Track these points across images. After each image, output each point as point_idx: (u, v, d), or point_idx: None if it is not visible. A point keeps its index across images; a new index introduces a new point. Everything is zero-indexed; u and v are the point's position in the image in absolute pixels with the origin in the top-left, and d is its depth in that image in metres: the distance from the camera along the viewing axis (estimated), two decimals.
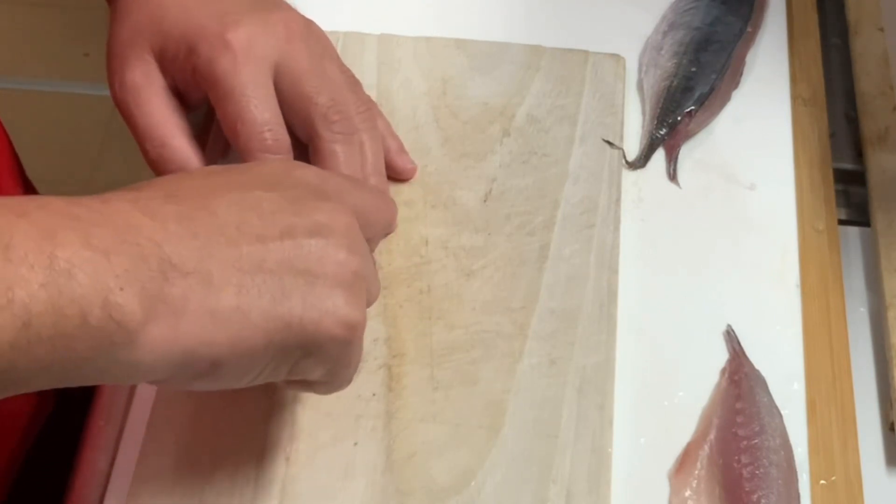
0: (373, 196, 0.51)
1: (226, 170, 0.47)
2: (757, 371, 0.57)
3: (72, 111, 1.83)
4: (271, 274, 0.42)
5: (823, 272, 0.61)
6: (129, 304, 0.38)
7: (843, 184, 0.67)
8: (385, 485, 0.52)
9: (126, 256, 0.39)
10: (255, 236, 0.43)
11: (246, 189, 0.44)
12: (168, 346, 0.40)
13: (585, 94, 0.66)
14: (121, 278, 0.38)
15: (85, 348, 0.38)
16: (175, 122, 0.55)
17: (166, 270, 0.40)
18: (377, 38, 0.68)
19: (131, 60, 0.55)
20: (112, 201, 0.41)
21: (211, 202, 0.43)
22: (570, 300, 0.57)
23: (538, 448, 0.53)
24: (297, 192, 0.45)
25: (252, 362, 0.43)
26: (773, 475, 0.53)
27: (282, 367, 0.44)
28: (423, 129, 0.64)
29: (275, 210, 0.44)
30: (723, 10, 0.70)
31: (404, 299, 0.57)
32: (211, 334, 0.41)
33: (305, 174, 0.47)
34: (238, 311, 0.41)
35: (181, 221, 0.41)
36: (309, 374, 0.45)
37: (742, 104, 0.68)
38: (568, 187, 0.62)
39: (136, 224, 0.40)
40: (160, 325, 0.39)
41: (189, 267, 0.40)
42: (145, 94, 0.55)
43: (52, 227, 0.38)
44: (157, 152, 0.54)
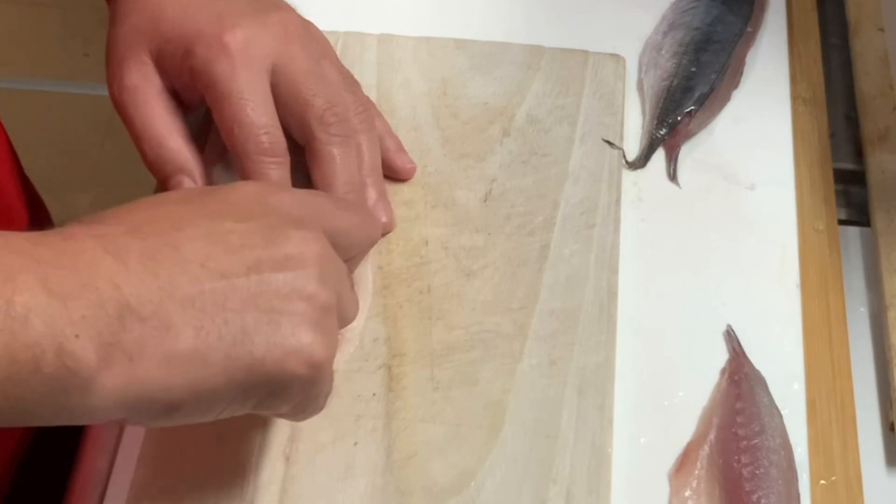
0: (354, 214, 0.51)
1: (198, 196, 0.46)
2: (757, 371, 0.57)
3: (72, 111, 1.83)
4: (234, 313, 0.42)
5: (823, 272, 0.61)
6: (83, 351, 0.38)
7: (843, 184, 0.67)
8: (385, 485, 0.52)
9: (84, 302, 0.38)
10: (220, 273, 0.42)
11: (216, 219, 0.44)
12: (123, 390, 0.40)
13: (585, 94, 0.66)
14: (77, 325, 0.38)
15: (37, 393, 0.38)
16: (172, 124, 0.55)
17: (124, 316, 0.39)
18: (377, 38, 0.68)
19: (129, 62, 0.55)
20: (76, 238, 0.41)
21: (177, 236, 0.42)
22: (570, 300, 0.57)
23: (538, 448, 0.53)
24: (270, 220, 0.45)
25: (212, 403, 0.42)
26: (773, 475, 0.53)
27: (246, 404, 0.43)
28: (423, 129, 0.64)
29: (243, 243, 0.43)
30: (723, 10, 0.70)
31: (404, 299, 0.57)
32: (168, 378, 0.40)
33: (281, 200, 0.47)
34: (197, 354, 0.41)
35: (144, 260, 0.41)
36: (275, 410, 0.44)
37: (742, 104, 0.68)
38: (568, 187, 0.62)
39: (97, 265, 0.40)
40: (115, 371, 0.39)
41: (147, 311, 0.40)
42: (143, 95, 0.55)
43: (12, 270, 0.38)
44: (155, 153, 0.54)
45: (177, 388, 0.41)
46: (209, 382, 0.41)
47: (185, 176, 0.54)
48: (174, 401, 0.41)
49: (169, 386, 0.41)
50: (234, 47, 0.53)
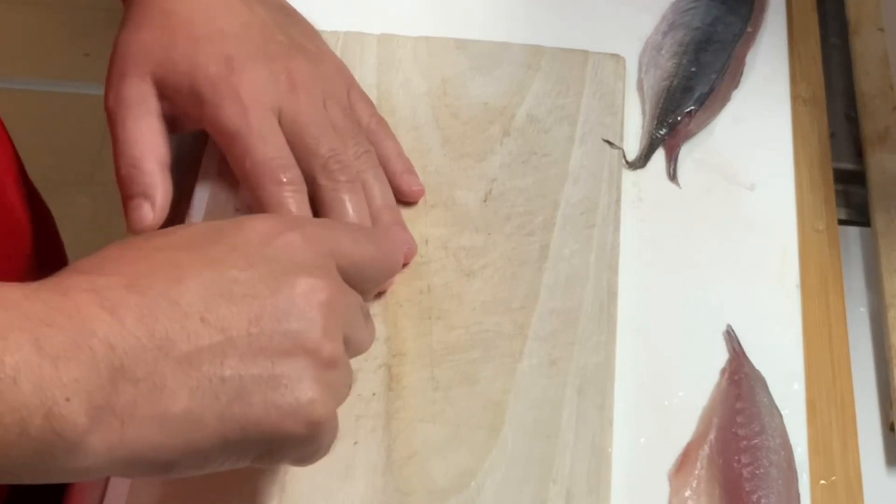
0: (373, 245, 0.50)
1: (203, 238, 0.44)
2: (757, 371, 0.57)
3: (72, 111, 1.83)
4: (232, 371, 0.40)
5: (823, 272, 0.61)
6: (73, 414, 0.37)
7: (843, 184, 0.67)
8: (385, 485, 0.52)
9: (76, 364, 0.37)
10: (220, 328, 0.41)
11: (219, 267, 0.42)
12: (113, 452, 0.39)
13: (585, 94, 0.66)
14: (68, 388, 0.37)
15: (23, 455, 0.37)
16: (154, 148, 0.55)
17: (116, 378, 0.38)
18: (377, 38, 0.68)
19: (131, 77, 0.55)
20: (71, 293, 0.39)
21: (176, 288, 0.41)
22: (570, 300, 0.57)
23: (538, 448, 0.53)
24: (275, 267, 0.43)
25: (206, 461, 0.41)
26: (773, 475, 0.53)
27: (241, 462, 0.42)
28: (423, 129, 0.64)
29: (245, 293, 0.42)
30: (723, 10, 0.70)
31: (404, 299, 0.57)
32: (160, 440, 0.40)
33: (289, 242, 0.45)
34: (191, 415, 0.40)
35: (141, 317, 0.39)
36: (273, 464, 0.44)
37: (742, 104, 0.68)
38: (568, 187, 0.62)
39: (92, 323, 0.38)
40: (105, 433, 0.38)
41: (141, 372, 0.39)
42: (136, 112, 0.55)
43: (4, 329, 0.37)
44: (128, 171, 0.54)
45: (169, 449, 0.40)
46: (203, 443, 0.40)
47: (146, 201, 0.54)
48: (166, 461, 0.40)
49: (161, 447, 0.40)
50: (242, 91, 0.54)
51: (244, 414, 0.41)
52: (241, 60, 0.55)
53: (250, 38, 0.57)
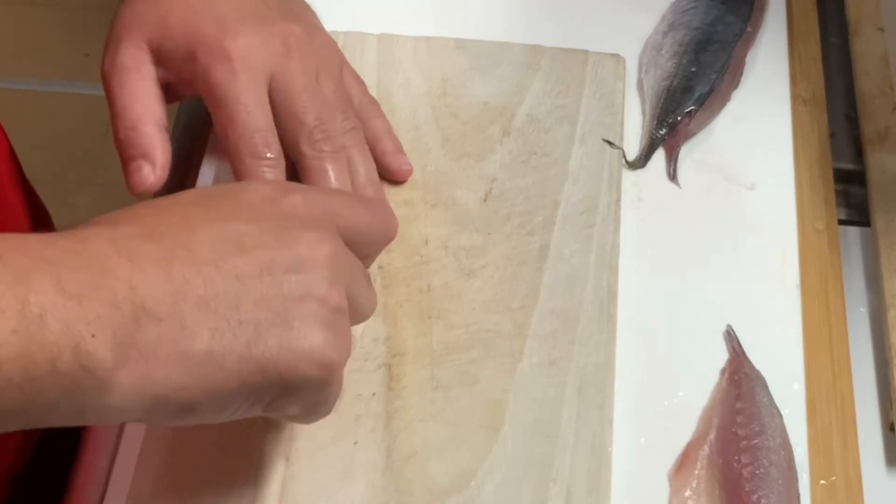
0: (368, 211, 0.51)
1: (210, 197, 0.46)
2: (757, 371, 0.57)
3: (72, 111, 1.83)
4: (248, 315, 0.42)
5: (823, 272, 0.61)
6: (99, 351, 0.38)
7: (843, 184, 0.67)
8: (385, 485, 0.52)
9: (99, 302, 0.38)
10: (234, 275, 0.42)
11: (227, 221, 0.44)
12: (139, 391, 0.40)
13: (585, 94, 0.66)
14: (92, 325, 0.38)
15: (54, 393, 0.38)
16: (151, 110, 0.55)
17: (139, 316, 0.39)
18: (377, 38, 0.68)
19: (127, 44, 0.56)
20: (89, 240, 0.40)
21: (190, 238, 0.42)
22: (570, 300, 0.57)
23: (538, 448, 0.53)
24: (281, 222, 0.45)
25: (226, 404, 0.42)
26: (773, 475, 0.53)
27: (257, 405, 0.43)
28: (423, 129, 0.64)
29: (255, 245, 0.43)
30: (723, 10, 0.70)
31: (404, 299, 0.57)
32: (183, 379, 0.40)
33: (293, 200, 0.46)
34: (211, 356, 0.41)
35: (158, 263, 0.41)
36: (286, 411, 0.44)
37: (742, 104, 0.68)
38: (568, 187, 0.62)
39: (111, 266, 0.40)
40: (131, 371, 0.39)
41: (162, 312, 0.40)
42: (132, 76, 0.55)
43: (25, 271, 0.38)
44: (126, 133, 0.55)
45: (192, 388, 0.41)
46: (224, 383, 0.41)
47: (146, 162, 0.54)
48: (189, 401, 0.41)
49: (184, 386, 0.41)
50: (234, 54, 0.54)
51: (262, 354, 0.42)
52: (235, 23, 0.55)
53: (246, 4, 0.57)
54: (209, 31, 0.55)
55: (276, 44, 0.56)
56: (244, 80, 0.54)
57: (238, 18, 0.56)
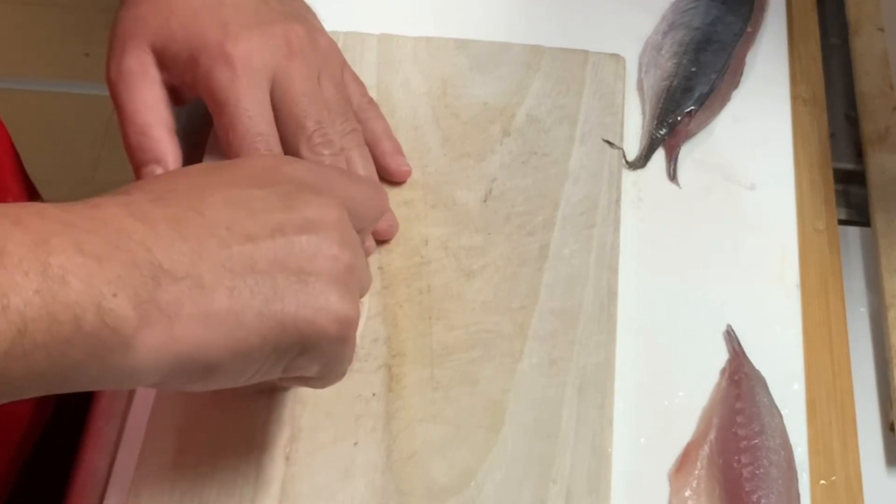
0: (364, 187, 0.52)
1: (216, 168, 0.47)
2: (757, 371, 0.57)
3: (72, 111, 1.83)
4: (263, 274, 0.42)
5: (823, 272, 0.61)
6: (122, 309, 0.38)
7: (843, 184, 0.67)
8: (385, 485, 0.52)
9: (118, 262, 0.39)
10: (246, 236, 0.43)
11: (236, 187, 0.44)
12: (163, 350, 0.40)
13: (585, 94, 0.66)
14: (113, 284, 0.38)
15: (79, 354, 0.38)
16: (160, 114, 0.56)
17: (158, 275, 0.40)
18: (377, 38, 0.68)
19: (131, 48, 0.56)
20: (103, 206, 0.41)
21: (200, 203, 0.43)
22: (570, 300, 0.57)
23: (538, 448, 0.53)
24: (288, 187, 0.45)
25: (248, 363, 0.43)
26: (773, 475, 0.53)
27: (278, 365, 0.44)
28: (423, 129, 0.64)
29: (265, 208, 0.44)
30: (723, 10, 0.70)
31: (404, 299, 0.57)
32: (205, 337, 0.41)
33: (295, 169, 0.47)
34: (231, 313, 0.41)
35: (171, 224, 0.41)
36: (305, 371, 0.45)
37: (742, 104, 0.68)
38: (568, 187, 0.62)
39: (127, 229, 0.40)
40: (154, 330, 0.40)
41: (180, 271, 0.41)
42: (139, 81, 0.56)
43: (45, 234, 0.38)
44: (137, 139, 0.55)
45: (214, 347, 0.41)
46: (245, 341, 0.42)
47: (159, 167, 0.55)
48: (212, 360, 0.42)
49: (207, 345, 0.41)
50: (235, 57, 0.55)
51: (282, 310, 0.42)
52: (236, 26, 0.56)
53: (248, 6, 0.57)
54: (211, 34, 0.55)
55: (278, 45, 0.56)
56: (246, 84, 0.54)
57: (239, 21, 0.56)
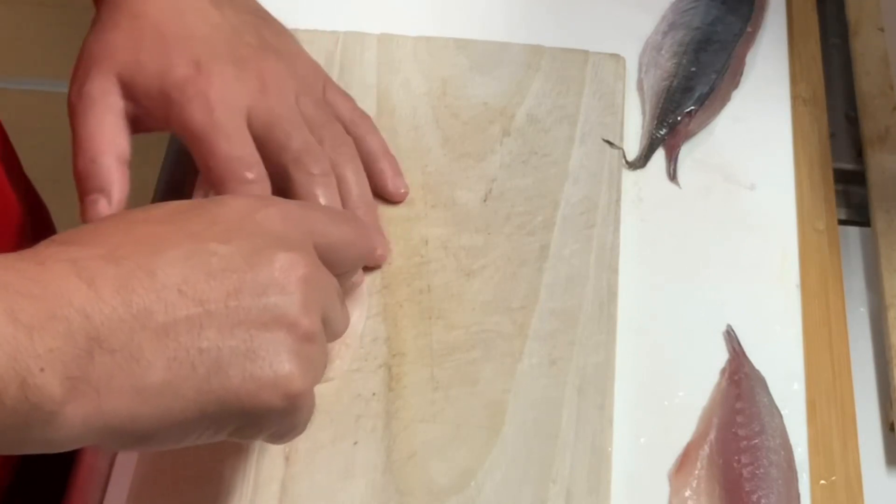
0: (350, 229, 0.50)
1: (182, 213, 0.45)
2: (757, 371, 0.57)
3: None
4: (210, 342, 0.40)
5: (823, 272, 0.61)
6: (47, 385, 0.37)
7: (843, 184, 0.67)
8: (385, 485, 0.52)
9: (51, 333, 0.37)
10: (198, 300, 0.41)
11: (198, 241, 0.42)
12: (90, 423, 0.39)
13: (585, 94, 0.66)
14: (42, 358, 0.37)
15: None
16: (113, 144, 0.54)
17: (93, 348, 0.38)
18: (377, 38, 0.68)
19: (96, 74, 0.55)
20: (48, 264, 0.39)
21: (154, 259, 0.41)
22: (570, 300, 0.57)
23: (538, 448, 0.53)
24: (256, 241, 0.43)
25: (185, 433, 0.41)
26: (773, 475, 0.53)
27: (219, 434, 0.43)
28: (423, 129, 0.64)
29: (225, 267, 0.42)
30: (723, 10, 0.70)
31: (404, 299, 0.57)
32: (137, 410, 0.39)
33: (269, 216, 0.45)
34: (168, 387, 0.40)
35: (117, 288, 0.39)
36: (252, 438, 0.44)
37: (742, 104, 0.68)
38: (568, 187, 0.62)
39: (68, 293, 0.38)
40: (80, 404, 0.38)
41: (117, 343, 0.39)
42: (97, 108, 0.54)
43: None
44: (84, 166, 0.54)
45: (146, 419, 0.40)
46: (181, 414, 0.40)
47: (102, 196, 0.53)
48: (144, 432, 0.40)
49: (138, 417, 0.40)
50: (210, 95, 0.54)
51: (222, 385, 0.41)
52: (209, 63, 0.55)
53: (220, 40, 0.56)
54: (183, 71, 0.54)
55: (250, 81, 0.55)
56: (220, 114, 0.53)
57: (212, 57, 0.55)
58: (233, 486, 0.51)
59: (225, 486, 0.51)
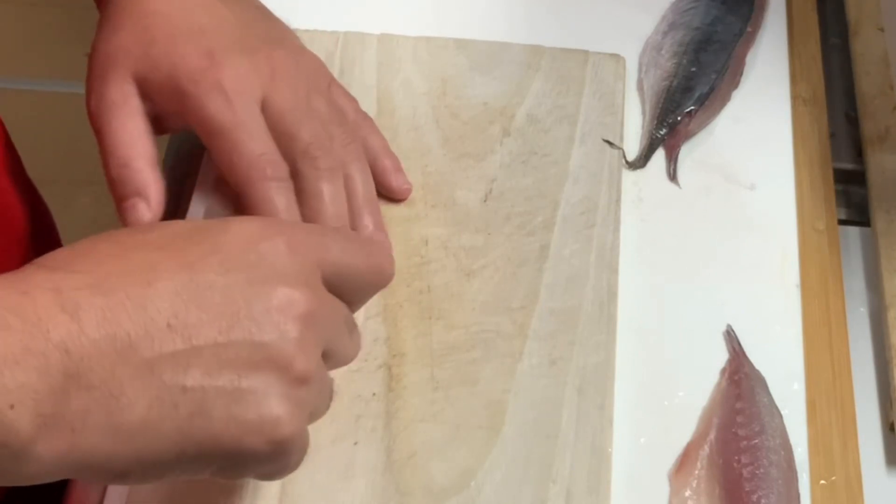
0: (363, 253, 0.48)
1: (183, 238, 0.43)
2: (757, 371, 0.57)
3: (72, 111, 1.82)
4: (194, 382, 0.39)
5: (823, 272, 0.61)
6: (17, 422, 0.36)
7: (843, 184, 0.67)
8: (385, 485, 0.52)
9: (25, 369, 0.36)
10: (186, 336, 0.39)
11: (194, 271, 0.41)
12: (63, 459, 0.38)
13: (585, 94, 0.66)
14: (13, 394, 0.36)
15: None
16: (142, 147, 0.54)
17: (69, 386, 0.37)
18: (377, 38, 0.68)
19: (113, 79, 0.54)
20: (32, 293, 0.38)
21: (146, 290, 0.39)
22: (570, 300, 0.57)
23: (538, 448, 0.53)
24: (255, 274, 0.42)
25: (163, 472, 0.40)
26: (773, 475, 0.53)
27: (201, 473, 0.41)
28: (423, 129, 0.64)
29: (220, 301, 0.40)
30: (723, 10, 0.70)
31: (404, 299, 0.57)
32: (113, 449, 0.38)
33: (275, 247, 0.43)
34: (147, 426, 0.38)
35: (102, 322, 0.38)
36: (236, 479, 0.43)
37: (742, 104, 0.68)
38: (568, 187, 0.62)
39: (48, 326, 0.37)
40: (53, 441, 0.37)
41: (96, 379, 0.38)
42: (120, 113, 0.54)
43: None
44: (118, 172, 0.53)
45: (122, 458, 0.39)
46: (159, 455, 0.39)
47: (141, 200, 0.53)
48: (120, 470, 0.39)
49: (114, 456, 0.39)
50: (225, 84, 0.53)
51: (204, 427, 0.39)
52: (221, 53, 0.54)
53: (229, 32, 0.56)
54: (195, 63, 0.54)
55: (263, 69, 0.55)
56: (240, 107, 0.53)
57: (223, 48, 0.55)
58: (233, 487, 0.51)
59: (225, 487, 0.51)
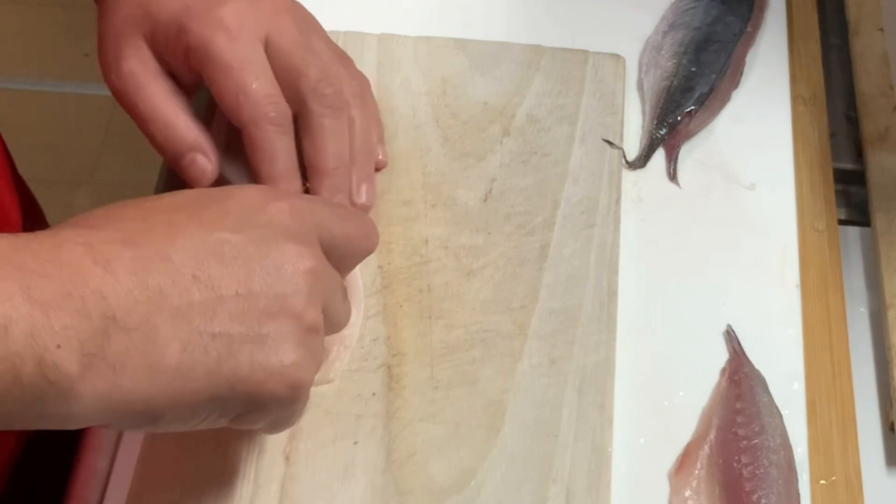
0: (353, 224, 0.50)
1: (195, 202, 0.45)
2: (757, 371, 0.57)
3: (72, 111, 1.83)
4: (221, 328, 0.41)
5: (823, 272, 0.61)
6: (64, 362, 0.38)
7: (843, 184, 0.67)
8: (385, 484, 0.52)
9: (68, 311, 0.38)
10: (211, 286, 0.42)
11: (210, 229, 0.43)
12: (104, 400, 0.39)
13: (585, 93, 0.66)
14: (59, 335, 0.37)
15: (16, 402, 0.37)
16: (177, 104, 0.55)
17: (109, 326, 0.39)
18: (377, 37, 0.68)
19: (125, 49, 0.55)
20: (65, 246, 0.40)
21: (170, 245, 0.42)
22: (570, 300, 0.57)
23: (538, 448, 0.53)
24: (265, 232, 0.44)
25: (192, 416, 0.42)
26: (773, 475, 0.53)
27: (223, 418, 0.43)
28: (423, 129, 0.64)
29: (236, 255, 0.43)
30: (723, 10, 0.70)
31: (404, 299, 0.57)
32: (150, 390, 0.40)
33: (279, 209, 0.46)
34: (181, 368, 0.41)
35: (134, 271, 0.40)
36: (251, 425, 0.45)
37: (742, 104, 0.68)
38: (568, 187, 0.62)
39: (84, 274, 0.39)
40: (96, 381, 0.39)
41: (133, 322, 0.40)
42: (143, 79, 0.54)
43: None
44: (163, 134, 0.54)
45: (159, 399, 0.41)
46: (192, 396, 0.41)
47: (198, 153, 0.54)
48: (155, 411, 0.41)
49: (151, 397, 0.40)
50: (227, 20, 0.53)
51: (233, 371, 0.42)
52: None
53: None
54: (196, 4, 0.54)
55: (264, 5, 0.55)
56: (245, 44, 0.53)
57: None
58: (233, 486, 0.51)
59: (225, 486, 0.51)
